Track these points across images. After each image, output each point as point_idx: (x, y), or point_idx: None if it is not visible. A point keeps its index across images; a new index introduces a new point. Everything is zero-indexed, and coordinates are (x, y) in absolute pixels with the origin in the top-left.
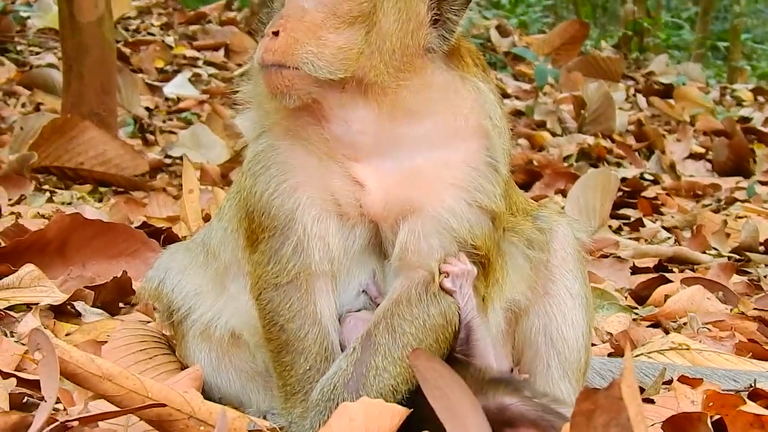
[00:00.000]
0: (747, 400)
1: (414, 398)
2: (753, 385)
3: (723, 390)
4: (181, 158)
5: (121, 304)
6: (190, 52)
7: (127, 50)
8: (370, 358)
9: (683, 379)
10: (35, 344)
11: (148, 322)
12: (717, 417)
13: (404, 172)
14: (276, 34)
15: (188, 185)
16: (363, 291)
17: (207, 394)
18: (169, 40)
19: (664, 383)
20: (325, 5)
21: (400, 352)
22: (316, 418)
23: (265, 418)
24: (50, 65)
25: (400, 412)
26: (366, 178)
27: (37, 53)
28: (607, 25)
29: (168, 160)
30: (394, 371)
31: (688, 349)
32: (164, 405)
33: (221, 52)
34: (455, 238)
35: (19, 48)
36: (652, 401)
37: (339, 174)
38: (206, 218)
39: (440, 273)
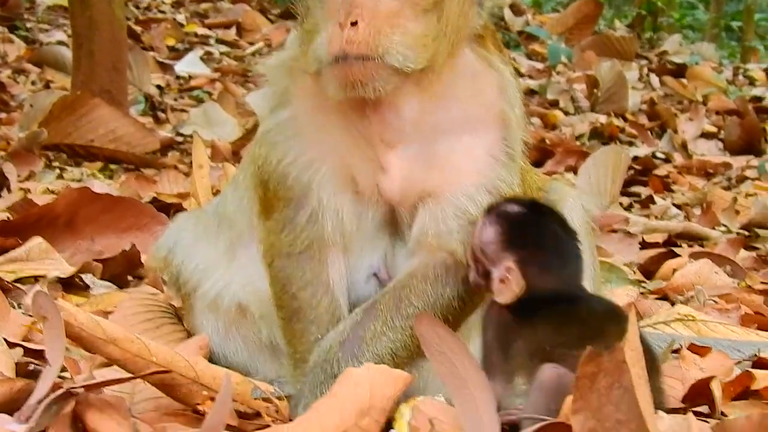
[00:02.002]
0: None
1: None
2: (757, 354)
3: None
4: (191, 136)
5: (129, 277)
6: (202, 30)
7: (137, 28)
8: (370, 322)
9: (692, 348)
10: (39, 306)
11: (157, 294)
12: None
13: (428, 158)
14: (354, 24)
15: (198, 161)
16: (374, 274)
17: (215, 363)
18: (180, 17)
19: (672, 353)
20: None
21: (403, 322)
22: (313, 381)
23: (272, 384)
24: (60, 43)
25: (405, 379)
26: (391, 164)
27: (47, 31)
28: (621, 5)
29: (179, 138)
30: (394, 336)
31: (693, 320)
32: (168, 371)
33: (233, 30)
34: (473, 224)
35: (28, 25)
36: None
37: (362, 156)
38: (217, 195)
39: None
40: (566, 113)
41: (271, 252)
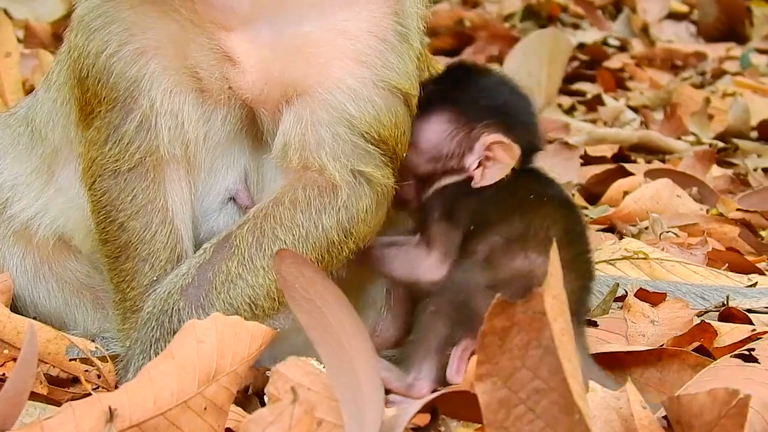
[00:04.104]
0: None
1: None
2: (725, 302)
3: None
4: None
5: None
6: None
7: None
8: (221, 262)
9: (641, 294)
10: None
11: None
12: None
13: (289, 43)
14: None
15: (5, 47)
16: (231, 199)
17: (21, 312)
18: None
19: (615, 301)
20: None
21: (266, 262)
22: (147, 338)
23: (93, 341)
24: None
25: (264, 333)
26: (239, 52)
27: None
28: None
29: None
30: (253, 281)
31: (645, 258)
32: None
33: None
34: (356, 129)
35: None
36: (595, 324)
37: (202, 44)
38: (29, 91)
39: None
40: None
41: (93, 170)
